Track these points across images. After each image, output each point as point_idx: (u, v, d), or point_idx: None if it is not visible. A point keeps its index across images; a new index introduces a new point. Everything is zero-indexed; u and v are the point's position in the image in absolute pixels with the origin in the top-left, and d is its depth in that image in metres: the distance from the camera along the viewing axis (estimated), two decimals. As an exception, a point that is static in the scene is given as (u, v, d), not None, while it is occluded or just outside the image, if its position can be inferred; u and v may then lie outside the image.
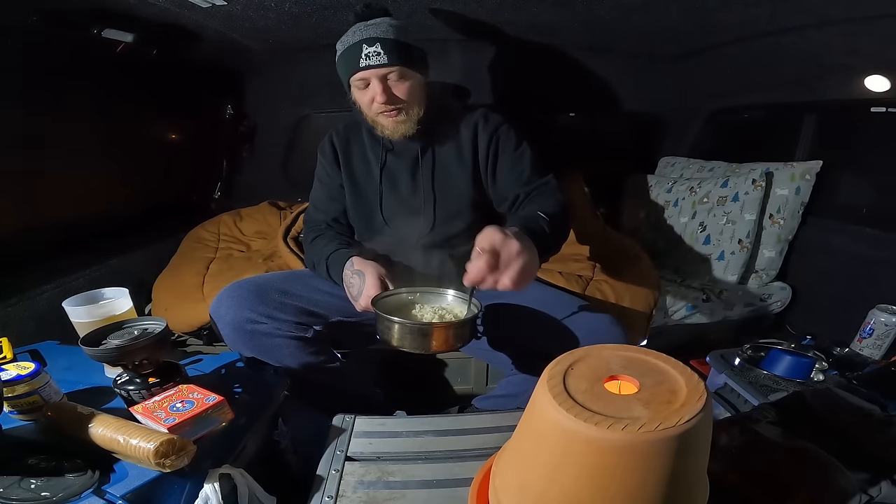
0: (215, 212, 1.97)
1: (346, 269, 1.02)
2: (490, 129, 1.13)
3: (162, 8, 1.20)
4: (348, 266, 1.02)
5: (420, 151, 1.12)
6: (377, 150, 1.14)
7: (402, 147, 1.12)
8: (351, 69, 1.02)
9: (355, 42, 1.00)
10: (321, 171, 1.20)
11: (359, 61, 1.00)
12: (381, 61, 1.00)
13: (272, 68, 1.82)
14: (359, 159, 1.17)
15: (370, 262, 1.00)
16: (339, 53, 1.05)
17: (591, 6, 1.29)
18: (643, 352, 0.57)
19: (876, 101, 1.47)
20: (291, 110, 2.03)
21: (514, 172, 1.13)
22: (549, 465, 0.51)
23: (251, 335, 1.00)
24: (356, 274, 0.98)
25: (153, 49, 1.42)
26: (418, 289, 1.01)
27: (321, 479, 0.73)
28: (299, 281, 1.11)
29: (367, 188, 1.16)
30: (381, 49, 0.99)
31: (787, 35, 1.40)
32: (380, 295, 0.93)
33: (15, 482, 0.61)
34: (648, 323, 1.41)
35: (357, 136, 1.17)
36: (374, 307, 0.88)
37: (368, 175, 1.16)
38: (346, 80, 1.06)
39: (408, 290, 1.00)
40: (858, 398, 0.82)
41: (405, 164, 1.13)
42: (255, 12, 1.29)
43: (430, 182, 1.13)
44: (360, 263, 1.00)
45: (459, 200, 1.14)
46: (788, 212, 1.68)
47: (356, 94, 1.07)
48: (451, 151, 1.14)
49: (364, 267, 0.98)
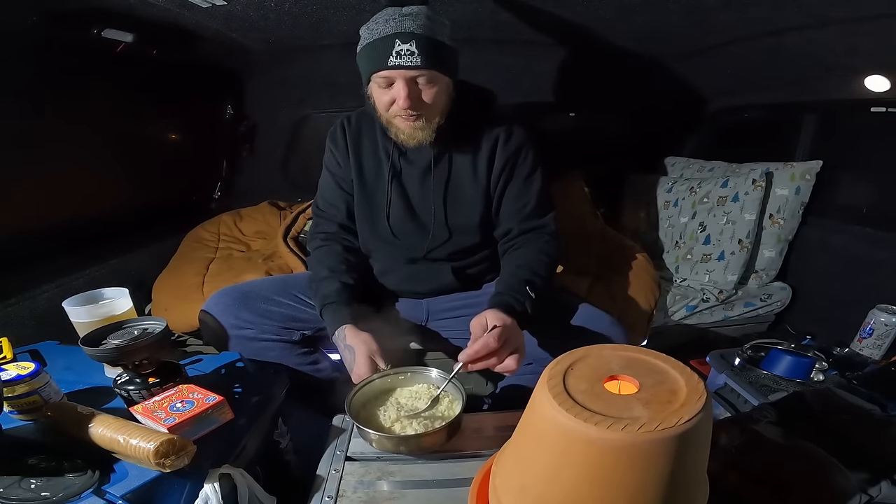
0: (215, 212, 1.97)
1: (337, 338, 0.95)
2: (511, 148, 1.04)
3: (162, 8, 1.20)
4: (340, 337, 0.94)
5: (434, 159, 1.04)
6: (389, 150, 1.05)
7: (416, 152, 1.04)
8: (376, 65, 0.90)
9: (387, 35, 0.87)
10: (330, 160, 1.11)
11: (388, 58, 0.88)
12: (414, 62, 0.88)
13: (272, 68, 1.82)
14: (369, 156, 1.08)
15: (362, 336, 0.92)
16: (365, 43, 0.92)
17: (590, 6, 1.29)
18: (643, 352, 0.57)
19: (876, 101, 1.47)
20: (291, 110, 2.03)
21: (518, 202, 1.06)
22: (549, 465, 0.51)
23: (236, 339, 1.01)
24: (347, 349, 0.92)
25: (153, 49, 1.42)
26: (408, 369, 0.93)
27: (321, 479, 0.73)
28: (286, 289, 1.09)
29: (376, 189, 1.08)
30: (415, 48, 0.87)
31: (787, 35, 1.40)
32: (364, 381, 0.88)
33: (15, 482, 0.61)
34: (648, 323, 1.41)
35: (370, 129, 1.08)
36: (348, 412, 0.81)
37: (378, 176, 1.08)
38: (368, 75, 0.94)
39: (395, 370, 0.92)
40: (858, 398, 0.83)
41: (417, 171, 1.06)
42: (255, 12, 1.29)
43: (442, 194, 1.06)
44: (352, 337, 0.92)
45: (469, 217, 1.07)
46: (788, 212, 1.68)
47: (375, 91, 0.95)
48: (466, 164, 1.05)
49: (355, 342, 0.91)
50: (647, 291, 1.43)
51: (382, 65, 0.89)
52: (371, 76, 0.93)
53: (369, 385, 0.89)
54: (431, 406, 0.85)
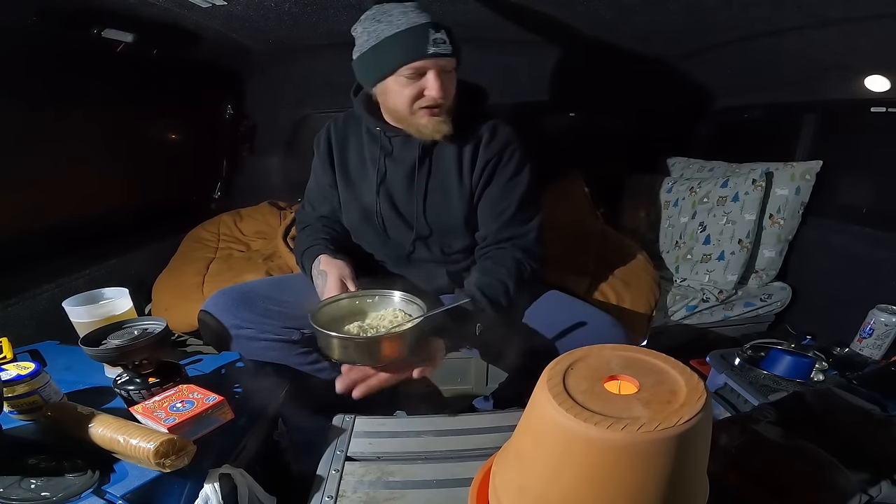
0: (215, 212, 1.97)
1: (313, 268, 0.98)
2: (494, 147, 1.01)
3: (162, 8, 1.20)
4: (315, 265, 0.97)
5: (419, 159, 1.02)
6: (375, 151, 1.05)
7: (401, 151, 1.04)
8: (412, 55, 0.87)
9: (420, 24, 0.86)
10: (315, 164, 1.14)
11: (426, 47, 0.86)
12: (446, 51, 0.86)
13: (272, 68, 1.82)
14: (355, 157, 1.08)
15: (336, 262, 0.94)
16: (391, 34, 0.88)
17: (591, 6, 1.29)
18: (643, 352, 0.57)
19: (876, 101, 1.47)
20: (291, 110, 2.03)
21: (496, 208, 1.02)
22: (548, 465, 0.51)
23: (236, 340, 1.01)
24: (321, 274, 0.94)
25: (153, 49, 1.42)
26: (376, 291, 0.93)
27: (321, 479, 0.73)
28: (285, 288, 1.10)
29: (363, 190, 1.08)
30: (446, 37, 0.86)
31: (787, 35, 1.40)
32: (331, 298, 0.88)
33: (15, 482, 0.61)
34: (648, 323, 1.41)
35: (357, 131, 1.08)
36: (311, 319, 0.80)
37: (364, 177, 1.08)
38: (396, 67, 0.89)
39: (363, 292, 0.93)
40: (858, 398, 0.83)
41: (402, 171, 1.04)
42: (255, 12, 1.29)
43: (423, 192, 1.04)
44: (326, 263, 0.95)
45: (452, 216, 1.05)
46: (788, 212, 1.68)
47: (394, 86, 0.92)
48: (451, 162, 1.03)
49: (328, 266, 0.93)
50: (647, 291, 1.43)
51: (421, 54, 0.86)
52: (396, 69, 0.90)
53: (336, 304, 0.89)
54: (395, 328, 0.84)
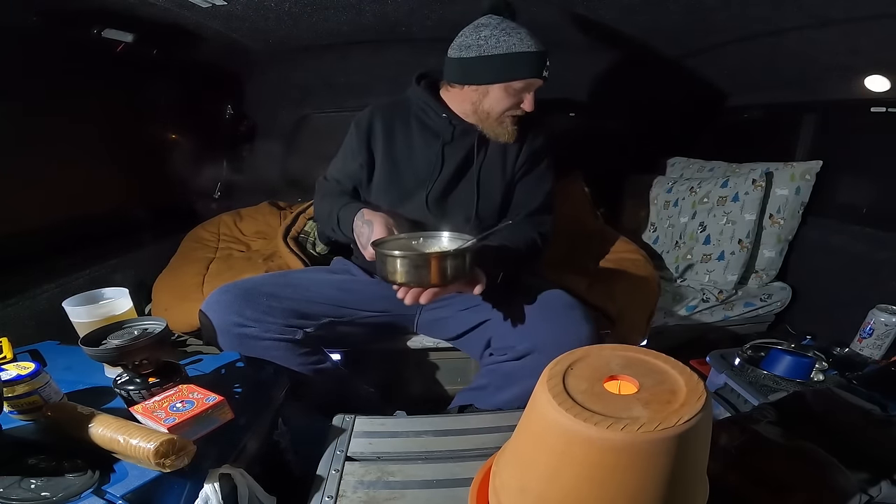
0: (215, 212, 1.96)
1: (356, 219, 1.04)
2: (536, 144, 1.18)
3: (162, 8, 1.20)
4: (358, 217, 1.04)
5: (476, 147, 1.15)
6: (426, 137, 1.15)
7: (461, 139, 1.15)
8: (534, 73, 1.05)
9: (541, 50, 1.04)
10: (349, 142, 1.20)
11: (542, 70, 1.05)
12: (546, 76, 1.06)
13: (272, 68, 1.82)
14: (402, 142, 1.16)
15: (379, 213, 1.02)
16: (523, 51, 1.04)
17: (591, 6, 1.29)
18: (643, 352, 0.57)
19: (876, 101, 1.47)
20: (291, 110, 2.03)
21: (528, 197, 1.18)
22: (548, 465, 0.51)
23: (238, 338, 1.00)
24: (366, 224, 1.01)
25: (153, 49, 1.42)
26: (420, 233, 1.03)
27: (321, 479, 0.73)
28: (288, 284, 1.10)
29: (406, 175, 1.16)
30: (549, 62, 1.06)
31: (787, 35, 1.40)
32: (381, 239, 0.95)
33: (15, 482, 0.61)
34: (648, 323, 1.41)
35: (405, 119, 1.17)
36: (374, 248, 0.90)
37: (411, 161, 1.16)
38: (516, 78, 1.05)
39: (409, 235, 1.02)
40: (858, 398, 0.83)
41: (458, 157, 1.15)
42: (255, 12, 1.29)
43: (476, 179, 1.16)
44: (370, 214, 1.02)
45: (494, 201, 1.18)
46: (788, 212, 1.68)
47: (497, 93, 1.07)
48: (497, 154, 1.17)
49: (373, 217, 1.00)
50: (647, 291, 1.43)
51: (538, 75, 1.06)
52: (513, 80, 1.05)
53: (384, 244, 0.94)
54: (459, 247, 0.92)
